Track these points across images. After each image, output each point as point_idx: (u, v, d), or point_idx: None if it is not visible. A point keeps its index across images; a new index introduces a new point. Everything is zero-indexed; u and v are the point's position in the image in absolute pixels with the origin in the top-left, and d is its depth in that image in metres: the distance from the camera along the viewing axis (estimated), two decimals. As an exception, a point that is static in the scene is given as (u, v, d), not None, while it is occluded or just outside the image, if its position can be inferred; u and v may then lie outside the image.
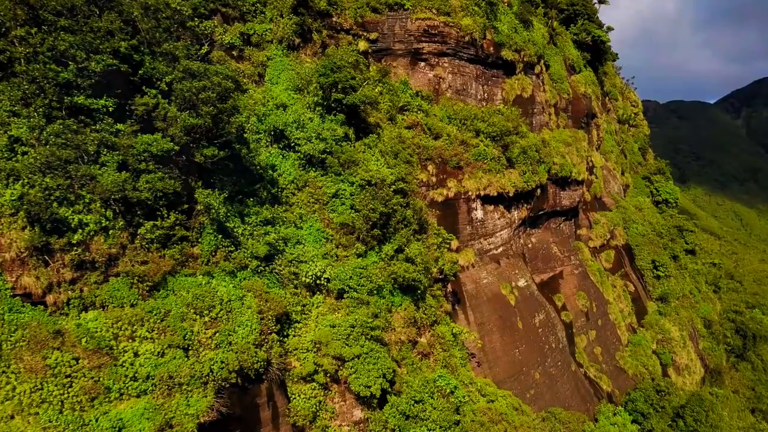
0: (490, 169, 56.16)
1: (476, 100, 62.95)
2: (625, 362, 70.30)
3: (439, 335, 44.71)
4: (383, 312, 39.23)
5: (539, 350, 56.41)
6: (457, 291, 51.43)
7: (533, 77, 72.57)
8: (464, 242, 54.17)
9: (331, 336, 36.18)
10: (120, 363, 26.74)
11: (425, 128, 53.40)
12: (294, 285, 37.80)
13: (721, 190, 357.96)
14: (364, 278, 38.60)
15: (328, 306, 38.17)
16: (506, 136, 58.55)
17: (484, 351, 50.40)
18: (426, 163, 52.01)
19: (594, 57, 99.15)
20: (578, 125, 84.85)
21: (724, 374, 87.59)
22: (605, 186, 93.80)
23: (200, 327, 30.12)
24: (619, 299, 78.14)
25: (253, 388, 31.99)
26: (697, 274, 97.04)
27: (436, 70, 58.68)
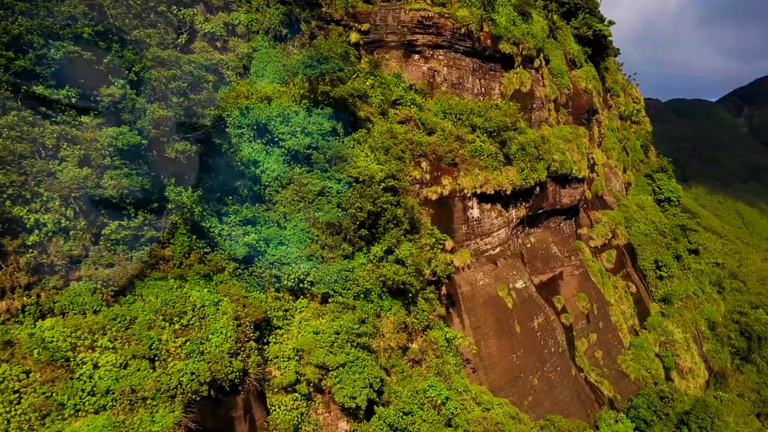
0: (486, 166, 53.84)
1: (473, 94, 60.62)
2: (627, 366, 67.98)
3: (431, 341, 42.45)
4: (371, 317, 36.96)
5: (538, 355, 54.15)
6: (452, 293, 49.15)
7: (532, 71, 70.23)
8: (460, 242, 51.89)
9: (315, 343, 33.93)
10: (77, 376, 24.46)
11: (419, 123, 51.09)
12: (276, 289, 35.54)
13: (722, 189, 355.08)
14: (350, 281, 36.31)
15: (312, 311, 35.90)
16: (504, 131, 56.22)
17: (480, 356, 48.13)
18: (419, 160, 49.69)
19: (595, 52, 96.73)
20: (579, 121, 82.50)
21: (728, 377, 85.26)
22: (607, 184, 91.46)
23: (169, 335, 27.87)
24: (621, 301, 75.84)
25: (227, 400, 29.71)
26: (701, 275, 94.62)
27: (431, 63, 56.35)
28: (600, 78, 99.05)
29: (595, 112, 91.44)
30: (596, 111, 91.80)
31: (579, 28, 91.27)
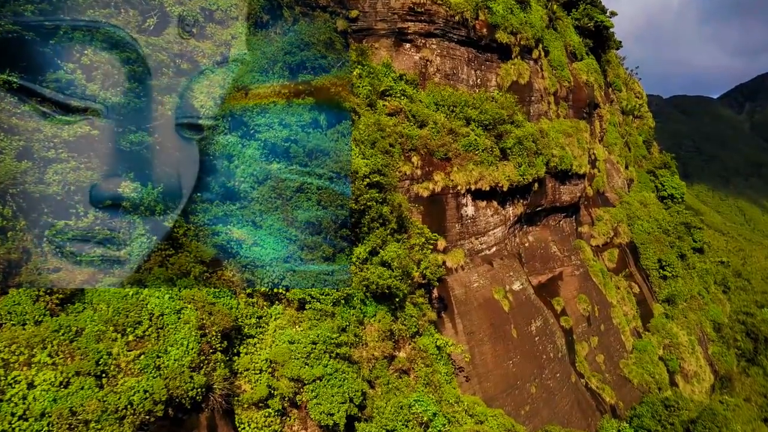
0: (482, 160, 50.82)
1: (468, 85, 57.56)
2: (630, 371, 65.04)
3: (420, 348, 39.51)
4: (352, 325, 34.02)
5: (536, 361, 51.21)
6: (444, 297, 46.22)
7: (531, 63, 67.13)
8: (453, 242, 48.93)
9: (289, 354, 31.00)
10: (7, 398, 21.51)
11: (409, 115, 48.07)
12: (248, 294, 32.62)
13: (724, 186, 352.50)
14: (329, 286, 33.35)
15: (288, 318, 32.95)
16: (500, 124, 53.19)
17: (474, 364, 45.20)
18: (410, 154, 46.69)
19: (596, 44, 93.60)
20: (580, 115, 79.39)
21: (734, 380, 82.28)
22: (608, 180, 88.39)
23: (121, 348, 24.91)
24: (624, 302, 72.87)
25: (189, 419, 26.75)
26: (706, 274, 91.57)
27: (423, 52, 53.28)
28: (602, 71, 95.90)
29: (597, 106, 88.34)
30: (597, 105, 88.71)
31: (580, 19, 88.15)
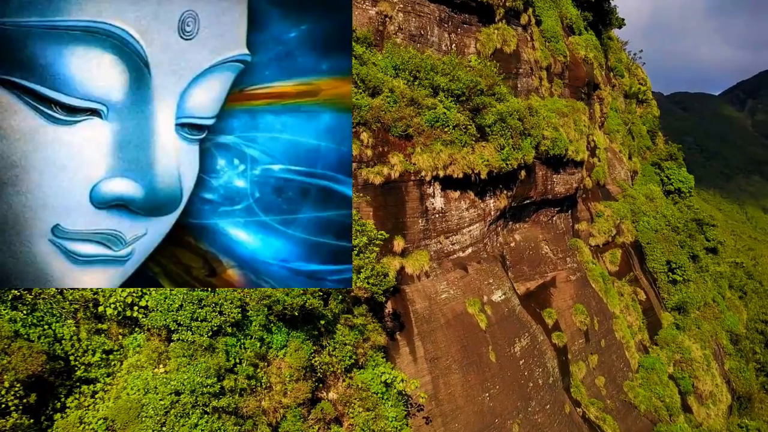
0: (452, 140, 40.41)
1: (440, 51, 47.22)
2: (636, 394, 54.81)
3: (359, 386, 29.15)
4: (246, 363, 23.66)
5: (520, 390, 40.94)
6: (401, 313, 35.91)
7: (519, 29, 56.80)
8: (414, 242, 38.60)
9: (138, 411, 20.65)
10: None
11: (358, 80, 37.65)
12: (89, 319, 22.30)
13: (726, 183, 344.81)
14: (208, 308, 22.95)
15: (148, 354, 22.58)
16: (476, 96, 42.84)
17: (437, 400, 34.91)
18: (357, 129, 36.30)
19: (597, 18, 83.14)
20: (577, 96, 69.00)
21: (754, 400, 72.20)
22: (610, 171, 78.02)
23: None
24: (628, 311, 62.63)
25: None
26: (720, 277, 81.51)
27: (381, 6, 42.89)
28: (602, 50, 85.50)
29: (597, 87, 77.89)
30: (597, 85, 78.26)
31: (578, -12, 77.70)
